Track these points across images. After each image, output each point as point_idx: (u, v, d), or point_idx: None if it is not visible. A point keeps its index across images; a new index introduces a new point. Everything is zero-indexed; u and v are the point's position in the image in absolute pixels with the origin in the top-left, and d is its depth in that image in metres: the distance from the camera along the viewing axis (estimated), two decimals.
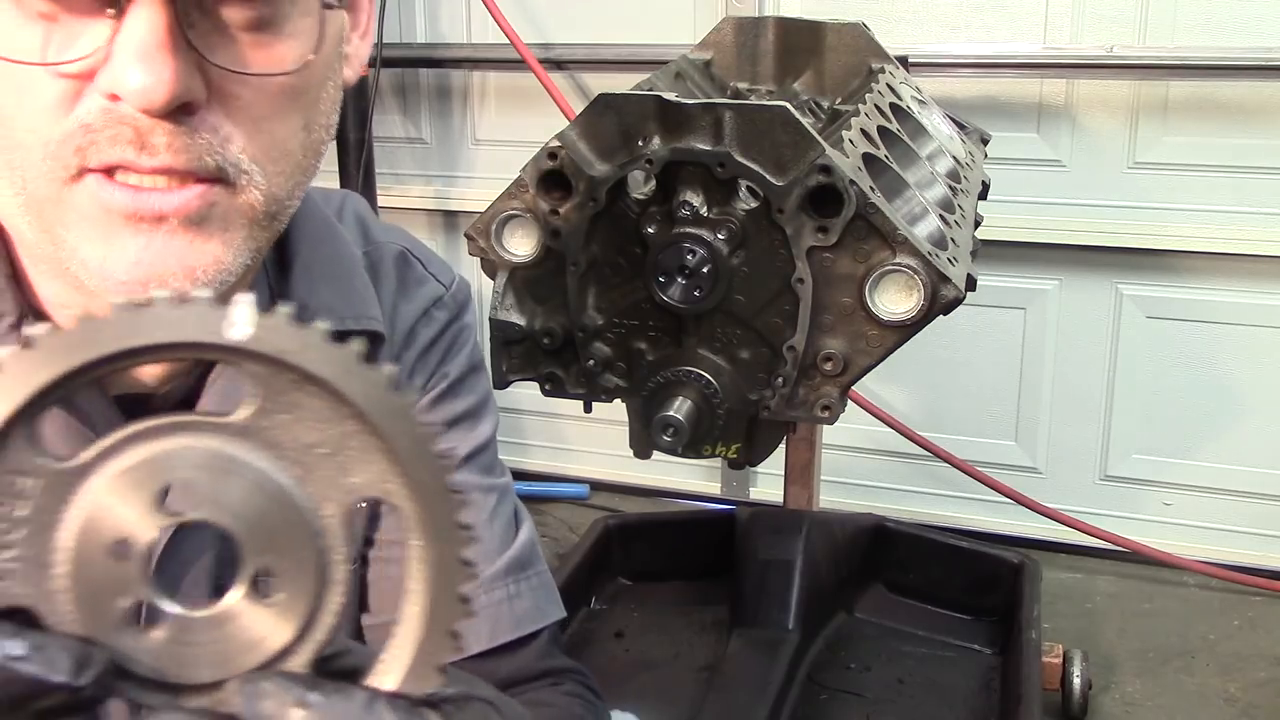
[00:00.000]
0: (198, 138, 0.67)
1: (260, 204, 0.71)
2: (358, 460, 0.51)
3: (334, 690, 0.49)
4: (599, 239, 1.42)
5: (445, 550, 0.52)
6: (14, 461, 0.49)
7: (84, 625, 0.50)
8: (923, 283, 1.31)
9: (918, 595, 2.46)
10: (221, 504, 0.51)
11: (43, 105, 0.66)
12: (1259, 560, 2.74)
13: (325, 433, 0.51)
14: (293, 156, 0.73)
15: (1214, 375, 2.73)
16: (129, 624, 0.51)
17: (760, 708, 2.02)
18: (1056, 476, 2.88)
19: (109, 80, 0.65)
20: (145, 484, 0.50)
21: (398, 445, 0.51)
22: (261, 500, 0.51)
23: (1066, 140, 2.69)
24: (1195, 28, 2.54)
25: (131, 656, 0.51)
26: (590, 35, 2.89)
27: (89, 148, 0.66)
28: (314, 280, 0.88)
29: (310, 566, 0.51)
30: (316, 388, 0.50)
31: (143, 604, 0.51)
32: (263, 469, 0.51)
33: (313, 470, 0.51)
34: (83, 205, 0.68)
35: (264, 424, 0.51)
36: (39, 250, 0.72)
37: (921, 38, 2.70)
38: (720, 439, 1.45)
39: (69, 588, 0.50)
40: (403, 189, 3.18)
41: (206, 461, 0.50)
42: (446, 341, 0.98)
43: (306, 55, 0.71)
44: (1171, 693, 2.39)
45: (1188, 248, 2.64)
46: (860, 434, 2.90)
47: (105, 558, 0.50)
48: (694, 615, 2.45)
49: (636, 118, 1.35)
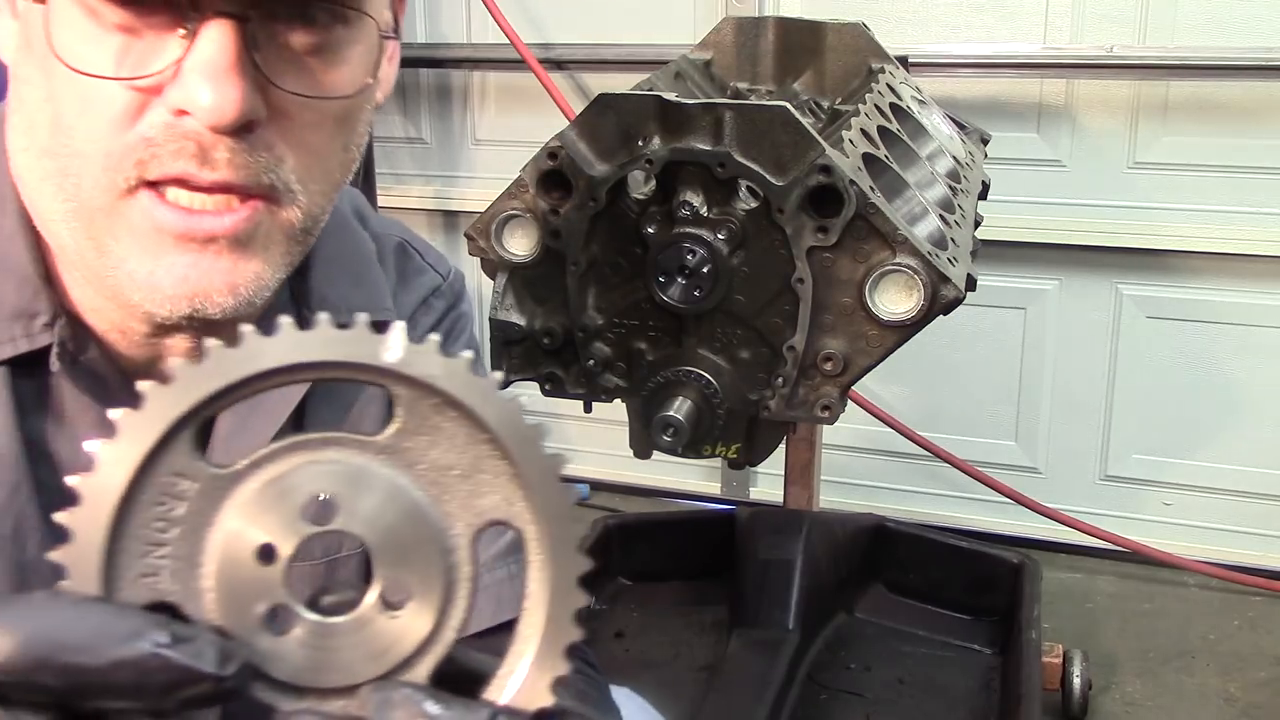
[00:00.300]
0: (255, 155, 0.70)
1: (299, 221, 0.75)
2: (488, 483, 0.55)
3: (459, 704, 0.52)
4: (599, 239, 1.42)
5: (563, 572, 0.55)
6: (177, 464, 0.52)
7: (225, 624, 0.53)
8: (923, 283, 1.31)
9: (918, 595, 2.46)
10: (361, 517, 0.54)
11: (108, 117, 0.69)
12: (1259, 560, 2.74)
13: (460, 456, 0.54)
14: (331, 175, 0.77)
15: (1214, 375, 2.73)
16: (266, 627, 0.53)
17: (760, 708, 2.02)
18: (1056, 476, 2.88)
19: (179, 97, 0.68)
20: (292, 494, 0.53)
21: (527, 471, 0.54)
22: (397, 516, 0.54)
23: (1066, 140, 2.69)
24: (1195, 28, 2.54)
25: (267, 658, 0.54)
26: (590, 35, 2.89)
27: (150, 160, 0.69)
28: (332, 274, 0.91)
29: (438, 581, 0.54)
30: (456, 412, 0.54)
31: (280, 608, 0.54)
32: (401, 487, 0.54)
33: (446, 490, 0.54)
34: (134, 220, 0.71)
35: (405, 444, 0.54)
36: (77, 257, 0.74)
37: (921, 38, 2.70)
38: (720, 439, 1.45)
39: (214, 587, 0.53)
40: (403, 189, 3.18)
41: (350, 476, 0.54)
42: (445, 329, 1.01)
43: (362, 81, 0.75)
44: (1171, 693, 2.39)
45: (1187, 248, 2.64)
46: (860, 434, 2.91)
47: (250, 561, 0.53)
48: (694, 615, 2.45)
49: (636, 118, 1.35)
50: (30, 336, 0.77)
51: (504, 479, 0.55)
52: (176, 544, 0.53)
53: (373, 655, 0.54)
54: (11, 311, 0.77)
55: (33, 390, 0.79)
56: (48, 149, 0.72)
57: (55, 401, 0.80)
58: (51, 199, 0.73)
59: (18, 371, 0.78)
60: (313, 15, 0.71)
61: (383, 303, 0.94)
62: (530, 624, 0.56)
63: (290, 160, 0.72)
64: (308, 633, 0.54)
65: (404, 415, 0.54)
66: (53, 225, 0.75)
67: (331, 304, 0.89)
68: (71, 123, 0.70)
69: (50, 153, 0.72)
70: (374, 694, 0.53)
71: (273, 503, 0.53)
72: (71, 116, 0.70)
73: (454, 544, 0.55)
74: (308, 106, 0.72)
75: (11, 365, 0.77)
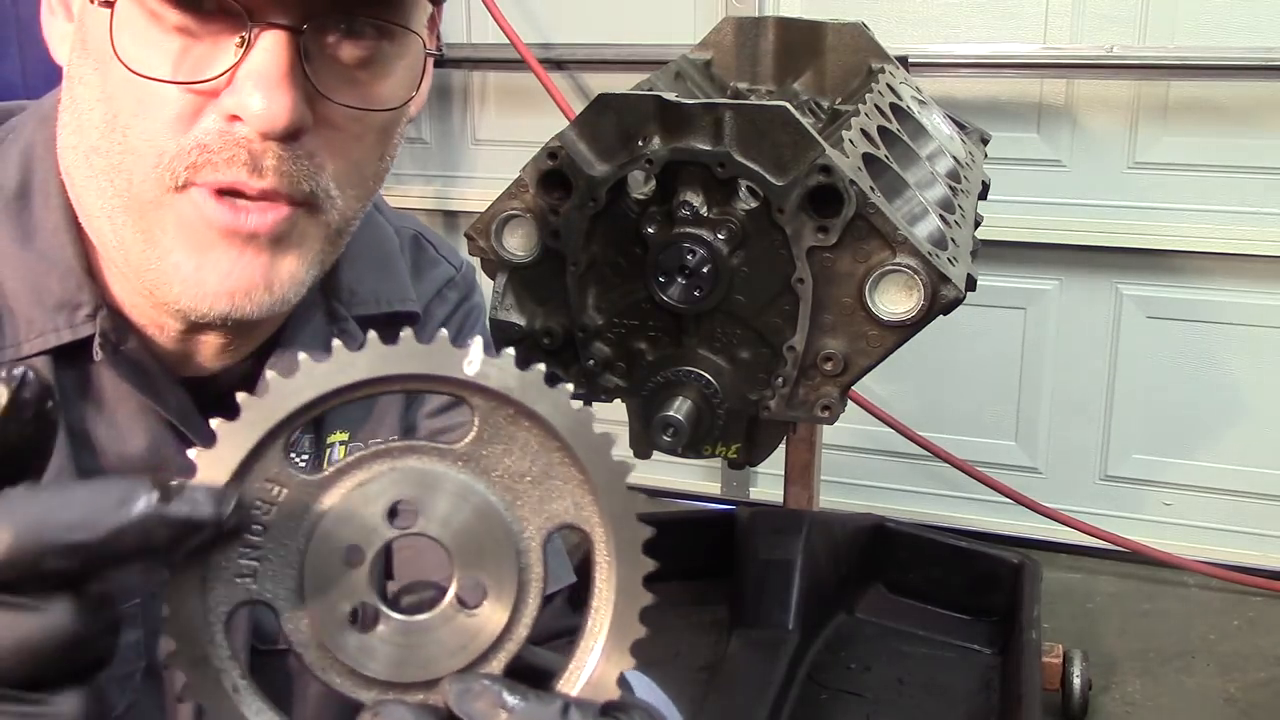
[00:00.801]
0: (299, 162, 0.73)
1: (335, 224, 0.78)
2: (559, 489, 0.58)
3: (534, 696, 0.55)
4: (599, 239, 1.42)
5: (629, 573, 0.59)
6: (270, 470, 0.56)
7: (313, 622, 0.57)
8: (923, 283, 1.31)
9: (918, 595, 2.46)
10: (440, 521, 0.57)
11: (164, 119, 0.72)
12: (1259, 560, 2.74)
13: (533, 463, 0.58)
14: (366, 183, 0.80)
15: (1214, 375, 2.73)
16: (352, 624, 0.57)
17: (760, 708, 2.02)
18: (1056, 476, 2.88)
19: (233, 103, 0.71)
20: (378, 498, 0.57)
21: (596, 478, 0.58)
22: (474, 520, 0.58)
23: (1066, 140, 2.69)
24: (1195, 28, 2.54)
25: (352, 654, 0.57)
26: (590, 35, 2.89)
27: (204, 166, 0.72)
28: (359, 267, 0.94)
29: (512, 581, 0.58)
30: (530, 422, 0.57)
31: (365, 607, 0.57)
32: (477, 492, 0.58)
33: (519, 496, 0.58)
34: (185, 213, 0.74)
35: (481, 452, 0.58)
36: (120, 253, 0.77)
37: (921, 38, 2.70)
38: (720, 439, 1.45)
39: (303, 587, 0.57)
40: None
41: (430, 482, 0.57)
42: (459, 319, 1.04)
43: (405, 95, 0.78)
44: (1171, 693, 2.39)
45: (1187, 248, 2.64)
46: (860, 434, 2.91)
47: (338, 562, 0.57)
48: (694, 615, 2.45)
49: (636, 118, 1.35)
50: (74, 327, 0.80)
51: (574, 485, 0.58)
52: (269, 546, 0.56)
53: (451, 651, 0.57)
54: (56, 303, 0.80)
55: (74, 379, 0.82)
56: (97, 147, 0.75)
57: (95, 390, 0.82)
58: (98, 195, 0.76)
59: (60, 361, 0.81)
60: (362, 30, 0.74)
61: (407, 293, 0.97)
62: (598, 621, 0.59)
63: (330, 167, 0.76)
64: (391, 630, 0.57)
65: (480, 424, 0.57)
66: (97, 221, 0.78)
67: (361, 297, 0.93)
68: (127, 122, 0.73)
69: (101, 150, 0.75)
70: (454, 685, 0.56)
71: (358, 507, 0.56)
72: (127, 116, 0.73)
73: (526, 546, 0.58)
74: (353, 118, 0.76)
75: (54, 355, 0.80)
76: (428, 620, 0.57)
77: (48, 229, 0.81)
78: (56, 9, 0.80)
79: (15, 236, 0.81)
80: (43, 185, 0.82)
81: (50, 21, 0.81)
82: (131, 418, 0.82)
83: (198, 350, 0.85)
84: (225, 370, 0.87)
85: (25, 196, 0.82)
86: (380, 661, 0.57)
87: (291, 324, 0.89)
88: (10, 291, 0.80)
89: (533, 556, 0.58)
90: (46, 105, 0.85)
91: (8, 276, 0.80)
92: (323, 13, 0.72)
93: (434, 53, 0.80)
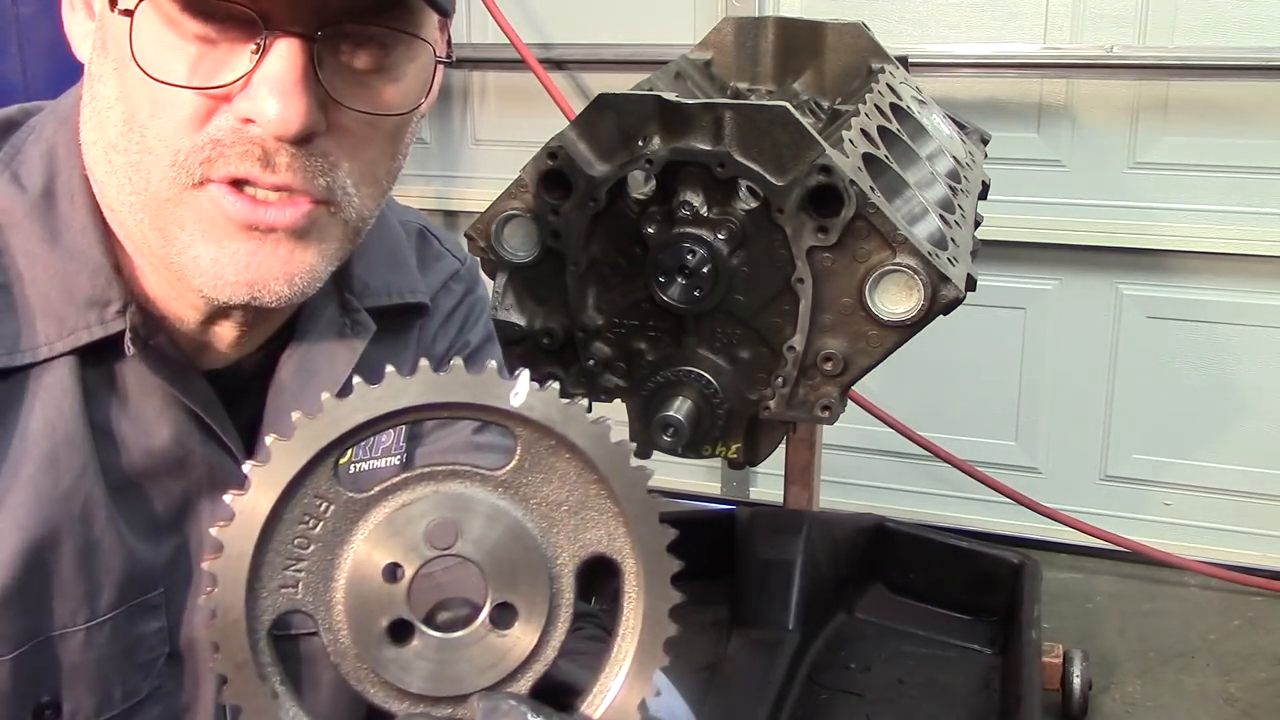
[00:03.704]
0: (313, 162, 0.76)
1: (354, 221, 0.81)
2: (594, 519, 0.61)
3: (558, 717, 0.58)
4: (599, 239, 1.42)
5: (656, 604, 0.62)
6: (319, 487, 0.59)
7: (351, 634, 0.60)
8: (923, 283, 1.31)
9: (918, 595, 2.46)
10: (477, 543, 0.60)
11: (179, 120, 0.74)
12: (1259, 560, 2.74)
13: (570, 493, 0.61)
14: (380, 183, 0.83)
15: (1214, 375, 2.73)
16: (388, 638, 0.60)
17: (760, 708, 2.02)
18: (1056, 476, 2.88)
19: (246, 107, 0.73)
20: (418, 520, 0.60)
21: (630, 510, 0.61)
22: (511, 545, 0.60)
23: (1066, 140, 2.69)
24: (1195, 28, 2.54)
25: (386, 666, 0.60)
26: (590, 35, 2.89)
27: (217, 160, 0.74)
28: (370, 260, 0.96)
29: (543, 605, 0.61)
30: (570, 454, 0.60)
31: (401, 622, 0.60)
32: (515, 518, 0.60)
33: (555, 524, 0.61)
34: (203, 208, 0.76)
35: (522, 480, 0.61)
36: (145, 246, 0.80)
37: (921, 38, 2.70)
38: (720, 439, 1.45)
39: (344, 600, 0.60)
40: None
41: (470, 506, 0.60)
42: (464, 311, 1.06)
43: (416, 99, 0.81)
44: (1171, 693, 2.39)
45: (1187, 248, 2.64)
46: (860, 434, 2.90)
47: (377, 578, 0.60)
48: (694, 615, 2.45)
49: (636, 118, 1.35)
50: (105, 323, 0.82)
51: (608, 516, 0.61)
52: (313, 559, 0.59)
53: (481, 669, 0.61)
54: (87, 300, 0.82)
55: (99, 376, 0.83)
56: (116, 144, 0.77)
57: (120, 386, 0.84)
58: (119, 190, 0.78)
59: (86, 358, 0.82)
60: (375, 37, 0.77)
61: (417, 285, 0.99)
62: (623, 649, 0.63)
63: (344, 167, 0.78)
64: (425, 645, 0.60)
65: (522, 453, 0.60)
66: (120, 215, 0.80)
67: (373, 289, 0.95)
68: (144, 122, 0.75)
69: (119, 148, 0.77)
70: (482, 702, 0.59)
71: (401, 527, 0.59)
72: (144, 117, 0.75)
73: (559, 572, 0.61)
74: (365, 121, 0.78)
75: (80, 354, 0.82)
76: (461, 638, 0.60)
77: (75, 228, 0.83)
78: (77, 6, 0.82)
79: (44, 236, 0.82)
80: (67, 184, 0.83)
81: (71, 18, 0.83)
82: (157, 411, 0.84)
83: (215, 341, 0.86)
84: (239, 362, 0.89)
85: (51, 196, 0.83)
86: (413, 675, 0.60)
87: (305, 314, 0.91)
88: (40, 291, 0.82)
89: (564, 582, 0.61)
90: (64, 106, 0.86)
91: (38, 276, 0.82)
92: (336, 21, 0.74)
93: (444, 60, 0.83)
